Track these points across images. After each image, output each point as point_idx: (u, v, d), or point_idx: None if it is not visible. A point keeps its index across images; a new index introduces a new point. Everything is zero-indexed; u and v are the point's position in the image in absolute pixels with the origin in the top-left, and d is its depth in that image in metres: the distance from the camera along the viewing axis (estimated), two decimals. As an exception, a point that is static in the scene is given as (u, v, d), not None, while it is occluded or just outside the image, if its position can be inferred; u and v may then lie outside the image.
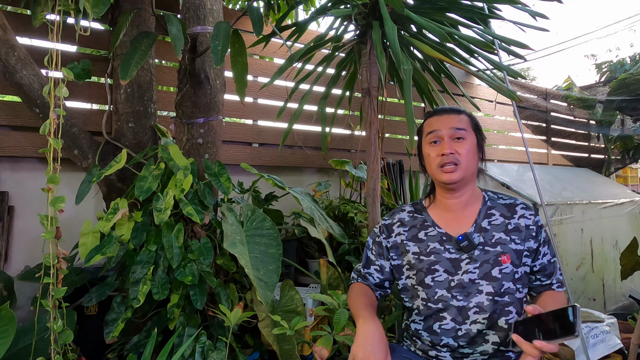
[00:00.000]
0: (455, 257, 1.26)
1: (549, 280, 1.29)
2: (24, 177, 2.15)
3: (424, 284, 1.27)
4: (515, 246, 1.25)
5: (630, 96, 4.27)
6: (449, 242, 1.28)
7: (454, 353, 1.23)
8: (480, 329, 1.20)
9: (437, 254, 1.27)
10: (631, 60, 4.99)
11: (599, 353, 2.07)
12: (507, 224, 1.28)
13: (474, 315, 1.21)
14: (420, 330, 1.28)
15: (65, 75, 1.50)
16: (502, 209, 1.31)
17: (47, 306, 1.41)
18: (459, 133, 1.28)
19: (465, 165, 1.26)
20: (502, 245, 1.25)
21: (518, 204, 1.32)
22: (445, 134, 1.29)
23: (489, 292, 1.21)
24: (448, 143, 1.27)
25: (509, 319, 1.22)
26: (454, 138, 1.28)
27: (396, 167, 3.26)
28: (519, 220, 1.28)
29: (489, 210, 1.31)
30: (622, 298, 3.27)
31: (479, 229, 1.27)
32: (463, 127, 1.29)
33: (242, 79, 1.68)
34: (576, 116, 5.10)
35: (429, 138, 1.32)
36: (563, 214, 2.80)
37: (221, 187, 1.84)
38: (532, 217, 1.29)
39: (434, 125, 1.32)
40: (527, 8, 1.89)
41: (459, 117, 1.32)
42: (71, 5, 1.55)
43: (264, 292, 1.56)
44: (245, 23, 2.76)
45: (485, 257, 1.24)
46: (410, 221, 1.37)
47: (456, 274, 1.24)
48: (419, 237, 1.32)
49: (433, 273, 1.26)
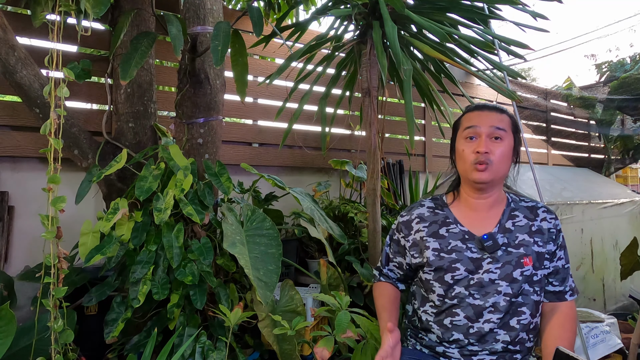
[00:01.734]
0: (477, 256, 1.24)
1: (562, 286, 1.27)
2: (24, 177, 2.15)
3: (442, 280, 1.25)
4: (537, 248, 1.24)
5: (630, 96, 4.27)
6: (472, 240, 1.26)
7: (463, 350, 1.22)
8: (492, 328, 1.20)
9: (459, 252, 1.25)
10: (631, 60, 4.98)
11: (599, 353, 2.08)
12: (531, 226, 1.27)
13: (488, 314, 1.20)
14: (431, 322, 1.27)
15: (66, 75, 1.50)
16: (525, 211, 1.30)
17: (47, 306, 1.41)
18: (498, 133, 1.25)
19: (497, 167, 1.23)
20: (525, 247, 1.24)
21: (540, 206, 1.31)
22: (484, 131, 1.25)
23: (507, 293, 1.20)
24: (485, 141, 1.23)
25: (521, 320, 1.21)
26: (492, 137, 1.25)
27: (396, 167, 3.26)
28: (542, 222, 1.28)
29: (512, 212, 1.30)
30: (622, 298, 3.27)
31: (503, 230, 1.26)
32: (503, 127, 1.26)
33: (243, 79, 1.68)
34: (576, 116, 5.10)
35: (466, 133, 1.28)
36: (563, 214, 2.80)
37: (221, 187, 1.84)
38: (553, 220, 1.29)
39: (473, 121, 1.28)
40: (527, 8, 1.89)
41: (500, 116, 1.28)
42: (72, 5, 1.55)
43: (264, 292, 1.55)
44: (245, 23, 2.75)
45: (508, 258, 1.22)
46: (431, 217, 1.34)
47: (477, 273, 1.23)
48: (440, 233, 1.30)
49: (454, 271, 1.24)
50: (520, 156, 1.34)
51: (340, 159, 2.85)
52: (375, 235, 2.09)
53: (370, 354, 1.47)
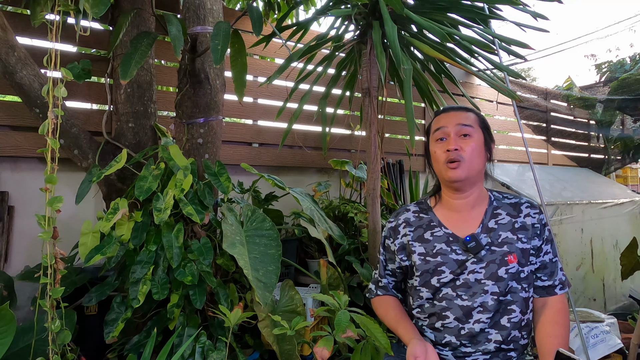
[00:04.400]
0: (461, 258, 1.25)
1: (551, 280, 1.27)
2: (24, 177, 2.15)
3: (429, 284, 1.26)
4: (522, 245, 1.24)
5: (630, 96, 4.27)
6: (456, 242, 1.27)
7: (456, 352, 1.23)
8: (482, 328, 1.20)
9: (444, 255, 1.26)
10: (631, 61, 4.98)
11: (599, 353, 2.08)
12: (514, 223, 1.27)
13: (478, 314, 1.20)
14: (424, 326, 1.28)
15: (65, 75, 1.50)
16: (508, 208, 1.30)
17: (45, 306, 1.41)
18: (465, 129, 1.27)
19: (469, 163, 1.24)
20: (508, 244, 1.24)
21: (523, 202, 1.32)
22: (451, 130, 1.27)
23: (494, 292, 1.21)
24: (454, 139, 1.26)
25: (511, 318, 1.21)
26: (460, 135, 1.27)
27: (396, 167, 3.26)
28: (525, 218, 1.28)
29: (495, 210, 1.30)
30: (622, 298, 3.27)
31: (486, 230, 1.27)
32: (469, 123, 1.28)
33: (241, 79, 1.67)
34: (576, 116, 5.10)
35: (436, 135, 1.31)
36: (563, 214, 2.80)
37: (221, 187, 1.84)
38: (537, 215, 1.29)
39: (441, 122, 1.31)
40: (527, 8, 1.89)
41: (466, 114, 1.31)
42: (71, 5, 1.55)
43: (263, 293, 1.55)
44: (245, 23, 2.75)
45: (492, 257, 1.23)
46: (416, 221, 1.35)
47: (462, 274, 1.24)
48: (425, 237, 1.31)
49: (439, 274, 1.25)
50: (493, 153, 1.35)
51: (340, 159, 2.85)
52: (375, 235, 2.09)
53: (370, 354, 1.47)
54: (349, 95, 2.54)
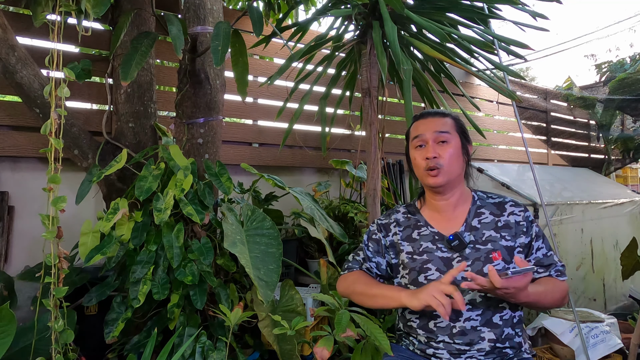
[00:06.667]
0: (447, 255, 1.27)
1: (547, 272, 1.28)
2: (24, 177, 2.15)
3: (417, 282, 1.28)
4: (505, 243, 1.26)
5: (630, 96, 4.28)
6: (441, 241, 1.30)
7: (451, 351, 1.23)
8: (474, 326, 1.22)
9: (430, 253, 1.29)
10: (631, 60, 4.99)
11: (599, 353, 2.08)
12: (497, 222, 1.29)
13: (467, 312, 1.22)
14: (417, 328, 1.29)
15: (67, 75, 1.50)
16: (492, 207, 1.33)
17: (48, 306, 1.41)
18: (443, 136, 1.30)
19: (448, 169, 1.28)
20: (492, 242, 1.26)
21: (507, 201, 1.34)
22: (429, 137, 1.31)
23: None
24: (432, 147, 1.29)
25: (503, 315, 1.23)
26: (438, 141, 1.30)
27: (396, 167, 3.27)
28: (509, 217, 1.30)
29: (478, 210, 1.33)
30: (622, 298, 3.27)
31: (470, 228, 1.29)
32: (447, 130, 1.31)
33: (244, 79, 1.68)
34: (576, 116, 5.10)
35: (415, 142, 1.34)
36: (563, 214, 2.80)
37: (222, 187, 1.84)
38: (522, 213, 1.30)
39: (419, 129, 1.34)
40: (527, 8, 1.89)
41: (443, 121, 1.33)
42: (72, 5, 1.55)
43: (265, 291, 1.56)
44: (245, 23, 2.76)
45: (477, 254, 1.25)
46: (405, 222, 1.39)
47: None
48: (413, 236, 1.34)
49: (426, 272, 1.27)
50: (470, 155, 1.37)
51: (340, 159, 2.85)
52: (375, 235, 2.09)
53: (370, 353, 1.47)
54: (349, 95, 2.54)
